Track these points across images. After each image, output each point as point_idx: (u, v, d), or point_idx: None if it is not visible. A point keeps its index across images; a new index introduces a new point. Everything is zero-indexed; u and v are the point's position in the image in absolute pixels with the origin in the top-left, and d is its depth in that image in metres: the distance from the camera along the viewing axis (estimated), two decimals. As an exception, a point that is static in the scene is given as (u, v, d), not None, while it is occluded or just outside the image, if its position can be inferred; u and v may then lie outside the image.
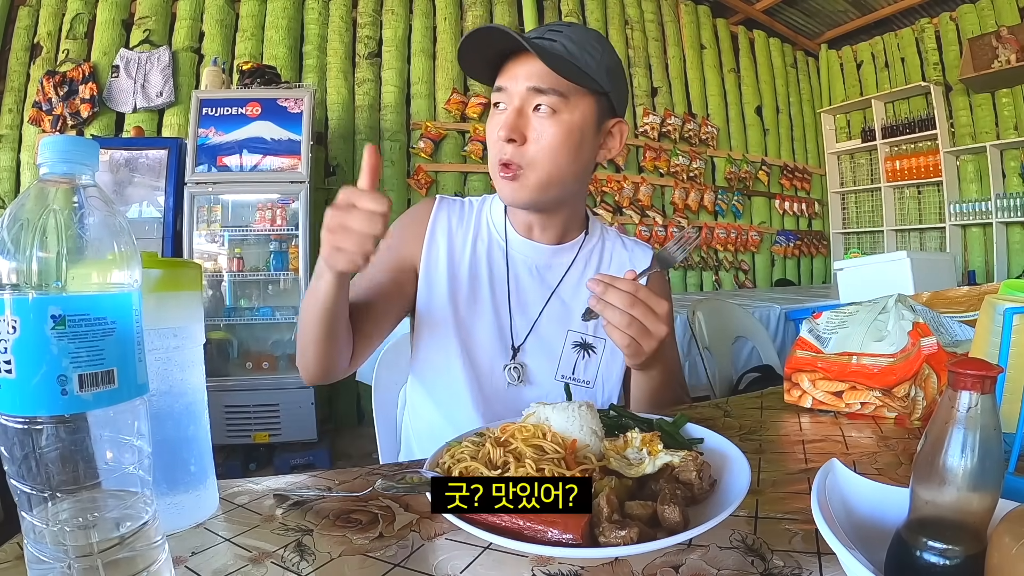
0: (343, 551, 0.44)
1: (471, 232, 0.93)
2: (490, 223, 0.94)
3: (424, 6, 3.84)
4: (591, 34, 0.82)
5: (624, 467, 0.51)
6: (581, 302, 0.90)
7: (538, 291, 0.91)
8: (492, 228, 0.94)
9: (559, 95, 0.77)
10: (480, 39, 0.76)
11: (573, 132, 0.79)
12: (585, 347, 0.90)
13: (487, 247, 0.92)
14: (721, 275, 4.79)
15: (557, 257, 0.93)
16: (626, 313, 0.67)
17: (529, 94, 0.77)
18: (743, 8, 4.88)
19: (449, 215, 0.94)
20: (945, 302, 1.11)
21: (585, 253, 0.94)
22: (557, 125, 0.78)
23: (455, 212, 0.95)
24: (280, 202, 2.91)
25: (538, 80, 0.77)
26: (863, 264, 2.49)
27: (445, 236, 0.92)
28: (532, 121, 0.78)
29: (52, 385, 0.32)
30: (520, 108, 0.78)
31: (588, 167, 0.85)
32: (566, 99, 0.77)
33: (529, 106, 0.78)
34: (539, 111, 0.78)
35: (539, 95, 0.77)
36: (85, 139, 0.48)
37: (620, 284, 0.68)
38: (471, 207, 0.96)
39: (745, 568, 0.40)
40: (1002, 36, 4.12)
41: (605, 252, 0.97)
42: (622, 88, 0.85)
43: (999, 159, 4.44)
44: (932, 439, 0.34)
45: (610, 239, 0.99)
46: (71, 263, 0.34)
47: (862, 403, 0.76)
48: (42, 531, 0.33)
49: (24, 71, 3.14)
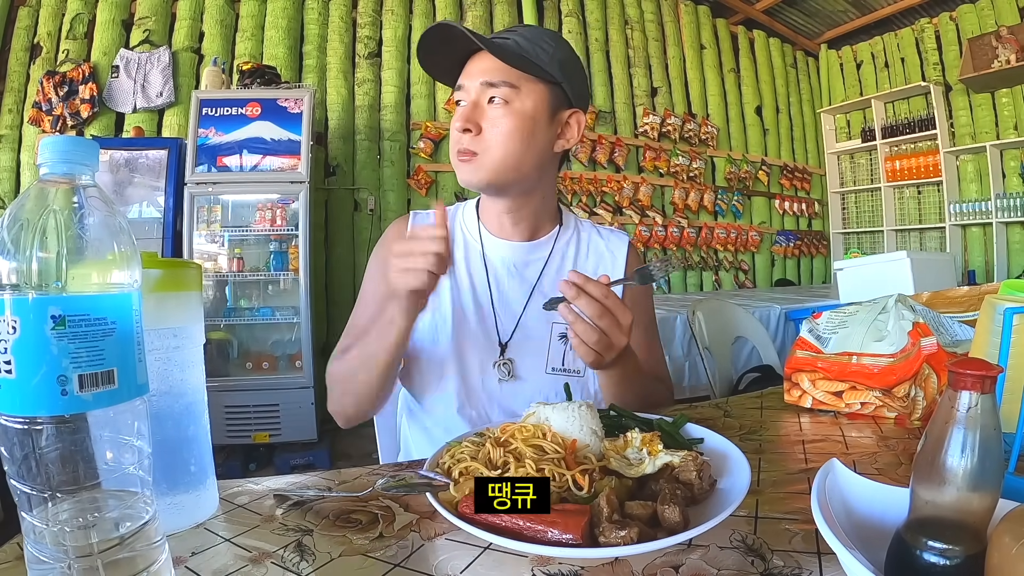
0: (343, 551, 0.44)
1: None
2: (464, 228, 0.97)
3: (424, 6, 3.84)
4: (546, 32, 0.87)
5: (624, 467, 0.51)
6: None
7: (519, 288, 0.93)
8: (466, 233, 0.96)
9: (510, 86, 0.81)
10: (439, 39, 0.82)
11: (526, 119, 0.82)
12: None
13: (464, 253, 0.94)
14: (721, 275, 4.79)
15: (533, 253, 0.94)
16: (595, 328, 0.69)
17: (483, 88, 0.82)
18: (743, 8, 4.88)
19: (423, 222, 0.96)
20: (945, 302, 1.11)
21: (561, 246, 0.96)
22: (510, 113, 0.82)
23: (427, 221, 0.96)
24: (280, 202, 2.91)
25: (490, 75, 0.82)
26: (863, 264, 2.49)
27: None
28: (487, 112, 0.82)
29: (52, 385, 0.32)
30: (476, 101, 0.83)
31: (544, 154, 0.87)
32: (517, 90, 0.82)
33: (484, 98, 0.82)
34: (493, 102, 0.82)
35: (492, 88, 0.82)
36: (85, 139, 0.48)
37: (592, 289, 0.69)
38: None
39: (745, 568, 0.40)
40: (1002, 36, 4.12)
41: (581, 243, 0.98)
42: (578, 81, 0.88)
43: (999, 159, 4.45)
44: (932, 439, 0.34)
45: (585, 229, 1.01)
46: (71, 263, 0.34)
47: (862, 403, 0.76)
48: (42, 531, 0.33)
49: (24, 71, 3.14)
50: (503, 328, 0.91)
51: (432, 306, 0.89)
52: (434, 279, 0.69)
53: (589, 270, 0.95)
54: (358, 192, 3.59)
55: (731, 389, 1.81)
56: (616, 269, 0.97)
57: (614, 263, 0.97)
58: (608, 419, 0.65)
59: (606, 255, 0.98)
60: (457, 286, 0.92)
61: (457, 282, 0.92)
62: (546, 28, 0.88)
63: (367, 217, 3.58)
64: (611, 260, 0.98)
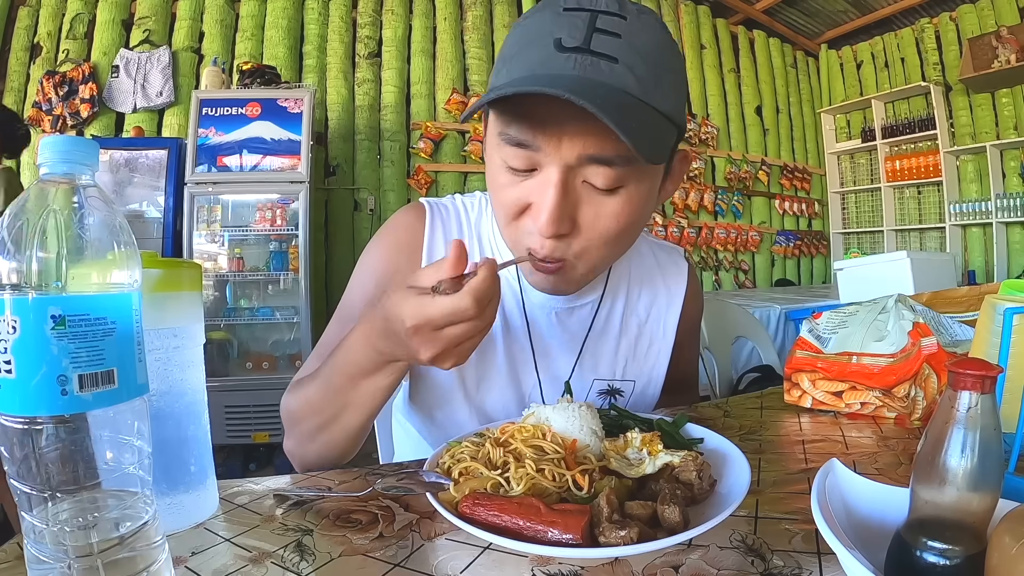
0: (343, 551, 0.44)
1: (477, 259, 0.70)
2: (494, 249, 0.74)
3: (424, 6, 3.84)
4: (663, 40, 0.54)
5: (624, 467, 0.51)
6: (609, 346, 0.78)
7: (564, 345, 0.75)
8: (498, 256, 0.72)
9: (627, 162, 0.53)
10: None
11: (640, 205, 0.57)
12: (612, 392, 0.79)
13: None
14: (721, 275, 4.79)
15: (582, 298, 0.75)
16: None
17: (581, 163, 0.53)
18: (743, 8, 4.88)
19: (446, 229, 0.75)
20: (945, 302, 1.11)
21: (613, 286, 0.78)
22: (621, 204, 0.55)
23: (451, 224, 0.76)
24: (280, 202, 2.91)
25: (595, 146, 0.51)
26: (863, 264, 2.49)
27: None
28: (583, 198, 0.55)
29: (52, 385, 0.32)
30: (565, 183, 0.53)
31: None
32: (634, 166, 0.53)
33: (578, 178, 0.54)
34: (594, 186, 0.54)
35: (598, 166, 0.53)
36: (85, 139, 0.48)
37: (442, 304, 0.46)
38: (467, 217, 0.77)
39: (745, 568, 0.40)
40: (1002, 36, 4.12)
41: (633, 277, 0.80)
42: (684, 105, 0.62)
43: (999, 159, 4.45)
44: (932, 439, 0.34)
45: (639, 250, 0.81)
46: (71, 263, 0.34)
47: (862, 403, 0.76)
48: (42, 531, 0.33)
49: (24, 71, 3.15)
50: (547, 396, 0.75)
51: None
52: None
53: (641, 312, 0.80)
54: (358, 192, 3.59)
55: (731, 389, 1.81)
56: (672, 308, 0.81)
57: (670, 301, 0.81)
58: (608, 419, 0.65)
59: (661, 292, 0.81)
60: (488, 339, 0.71)
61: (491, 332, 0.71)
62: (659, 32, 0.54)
63: (367, 217, 3.58)
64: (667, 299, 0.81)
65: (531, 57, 0.52)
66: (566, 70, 0.50)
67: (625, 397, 0.82)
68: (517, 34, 0.55)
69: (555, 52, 0.51)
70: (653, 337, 0.83)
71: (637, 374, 0.82)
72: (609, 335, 0.79)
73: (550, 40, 0.51)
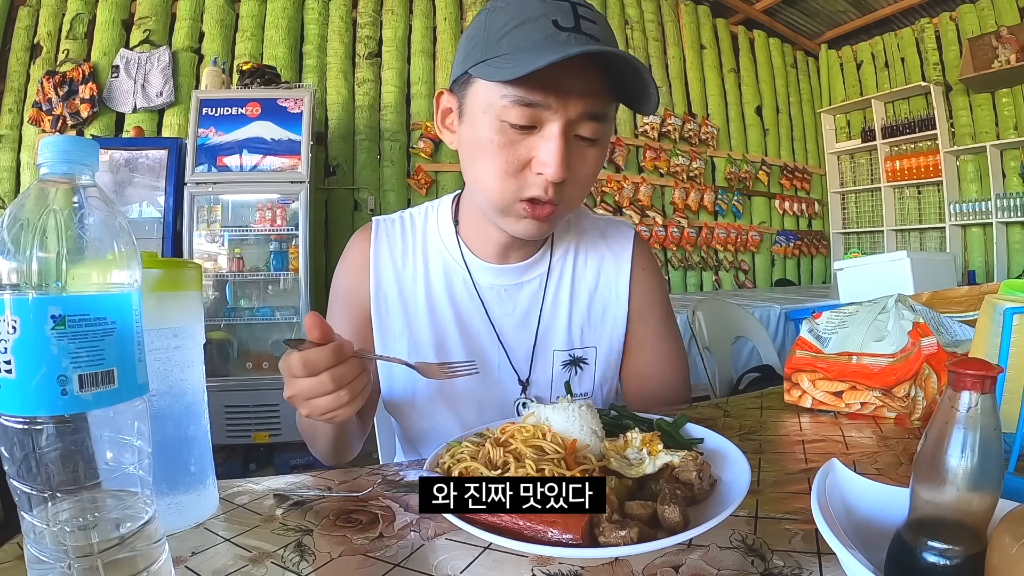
0: (343, 551, 0.44)
1: (420, 262, 0.81)
2: (441, 248, 0.82)
3: (424, 6, 3.84)
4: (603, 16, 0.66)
5: (624, 467, 0.51)
6: (563, 316, 0.83)
7: (520, 320, 0.81)
8: (445, 253, 0.81)
9: (608, 119, 0.65)
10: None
11: (604, 155, 0.68)
12: (576, 362, 0.83)
13: (443, 277, 0.80)
14: (721, 275, 4.79)
15: (526, 273, 0.81)
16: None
17: (580, 118, 0.62)
18: (743, 8, 4.88)
19: (390, 242, 0.82)
20: (945, 302, 1.11)
21: (558, 259, 0.83)
22: (598, 153, 0.66)
23: (395, 236, 0.83)
24: (280, 202, 2.91)
25: (597, 103, 0.62)
26: (863, 264, 2.49)
27: (392, 273, 0.81)
28: (573, 149, 0.64)
29: (52, 385, 0.32)
30: (567, 135, 0.62)
31: None
32: (609, 121, 0.65)
33: (571, 131, 0.63)
34: (583, 137, 0.64)
35: (590, 122, 0.63)
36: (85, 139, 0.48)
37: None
38: (412, 226, 0.84)
39: (745, 568, 0.40)
40: (1002, 36, 4.12)
41: (580, 251, 0.85)
42: None
43: (999, 159, 4.45)
44: (932, 439, 0.34)
45: (583, 227, 0.86)
46: (71, 263, 0.34)
47: (862, 403, 0.76)
48: (42, 531, 0.33)
49: (24, 71, 3.14)
50: (519, 367, 0.81)
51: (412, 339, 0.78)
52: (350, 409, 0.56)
53: (589, 279, 0.85)
54: (358, 192, 3.60)
55: (731, 389, 1.81)
56: (621, 272, 0.85)
57: (618, 266, 0.85)
58: (608, 419, 0.65)
59: (608, 258, 0.86)
60: (441, 321, 0.79)
61: (440, 316, 0.79)
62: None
63: (367, 217, 3.56)
64: (614, 263, 0.85)
65: (533, 32, 0.60)
66: (569, 43, 0.59)
67: (590, 364, 0.84)
68: (503, 15, 0.62)
69: (556, 30, 0.59)
70: (607, 303, 0.86)
71: (597, 340, 0.84)
72: (560, 305, 0.83)
73: (548, 21, 0.59)
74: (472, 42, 0.64)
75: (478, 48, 0.63)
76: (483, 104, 0.64)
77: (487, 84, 0.62)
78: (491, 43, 0.61)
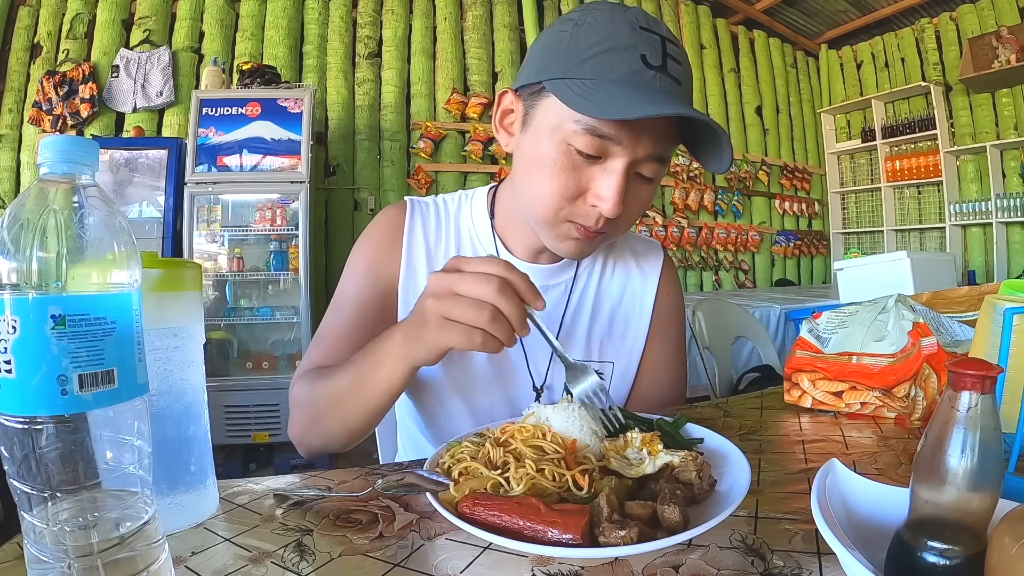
0: (343, 551, 0.44)
1: (452, 247, 0.81)
2: (474, 237, 0.81)
3: (424, 6, 3.84)
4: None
5: (624, 467, 0.51)
6: (583, 328, 0.82)
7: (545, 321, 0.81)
8: (477, 242, 0.81)
9: (667, 161, 0.66)
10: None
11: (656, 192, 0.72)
12: None
13: None
14: (721, 275, 4.79)
15: (555, 277, 0.81)
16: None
17: (645, 159, 0.63)
18: (743, 8, 4.89)
19: (424, 222, 0.82)
20: (945, 302, 1.11)
21: (585, 267, 0.84)
22: (652, 191, 0.68)
23: (430, 218, 0.82)
24: (280, 202, 2.91)
25: (664, 148, 0.63)
26: (863, 264, 2.49)
27: (423, 253, 0.80)
28: (630, 185, 0.64)
29: (52, 385, 0.32)
30: (628, 171, 0.63)
31: None
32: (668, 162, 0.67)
33: (633, 168, 0.64)
34: (641, 176, 0.65)
35: (654, 162, 0.64)
36: (85, 139, 0.48)
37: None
38: (445, 211, 0.84)
39: (745, 568, 0.40)
40: (1002, 36, 4.12)
41: (608, 260, 0.86)
42: None
43: (999, 159, 4.45)
44: (932, 439, 0.34)
45: (612, 241, 0.86)
46: (71, 263, 0.34)
47: (862, 403, 0.76)
48: (42, 531, 0.33)
49: (24, 71, 3.15)
50: (536, 371, 0.79)
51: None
52: (496, 346, 0.53)
53: (614, 294, 0.84)
54: (358, 192, 3.60)
55: (731, 389, 1.81)
56: (647, 292, 0.85)
57: (644, 286, 0.85)
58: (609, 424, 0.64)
59: (635, 275, 0.86)
60: None
61: None
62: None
63: (367, 217, 3.58)
64: (641, 282, 0.86)
65: (619, 64, 0.59)
66: (654, 85, 0.60)
67: (606, 379, 0.82)
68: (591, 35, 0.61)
69: (643, 67, 0.59)
70: (629, 318, 0.85)
71: (616, 355, 0.84)
72: (582, 314, 0.82)
73: (636, 55, 0.59)
74: (552, 52, 0.63)
75: (558, 62, 0.62)
76: (553, 122, 0.63)
77: (561, 104, 0.61)
78: (574, 62, 0.60)
